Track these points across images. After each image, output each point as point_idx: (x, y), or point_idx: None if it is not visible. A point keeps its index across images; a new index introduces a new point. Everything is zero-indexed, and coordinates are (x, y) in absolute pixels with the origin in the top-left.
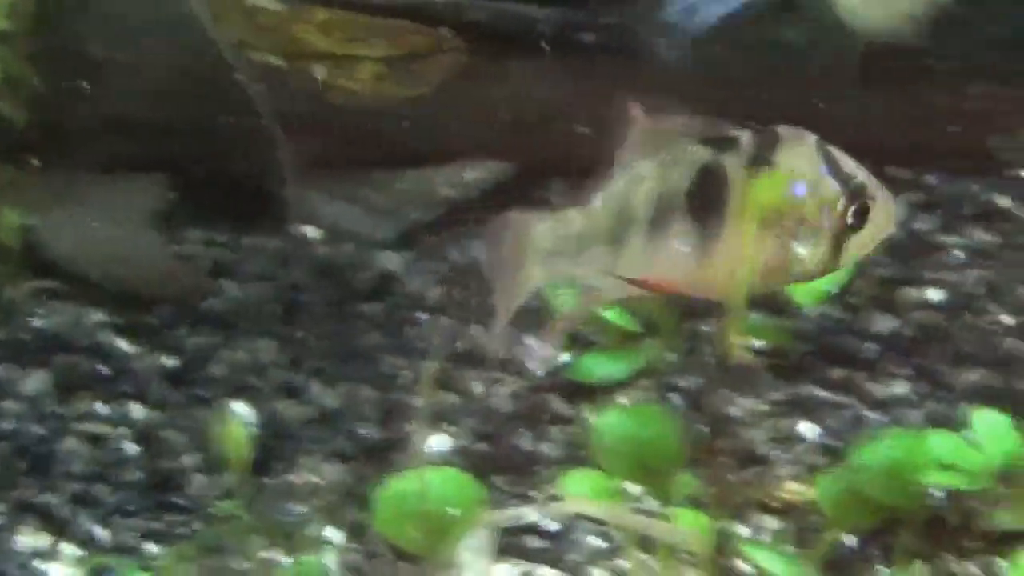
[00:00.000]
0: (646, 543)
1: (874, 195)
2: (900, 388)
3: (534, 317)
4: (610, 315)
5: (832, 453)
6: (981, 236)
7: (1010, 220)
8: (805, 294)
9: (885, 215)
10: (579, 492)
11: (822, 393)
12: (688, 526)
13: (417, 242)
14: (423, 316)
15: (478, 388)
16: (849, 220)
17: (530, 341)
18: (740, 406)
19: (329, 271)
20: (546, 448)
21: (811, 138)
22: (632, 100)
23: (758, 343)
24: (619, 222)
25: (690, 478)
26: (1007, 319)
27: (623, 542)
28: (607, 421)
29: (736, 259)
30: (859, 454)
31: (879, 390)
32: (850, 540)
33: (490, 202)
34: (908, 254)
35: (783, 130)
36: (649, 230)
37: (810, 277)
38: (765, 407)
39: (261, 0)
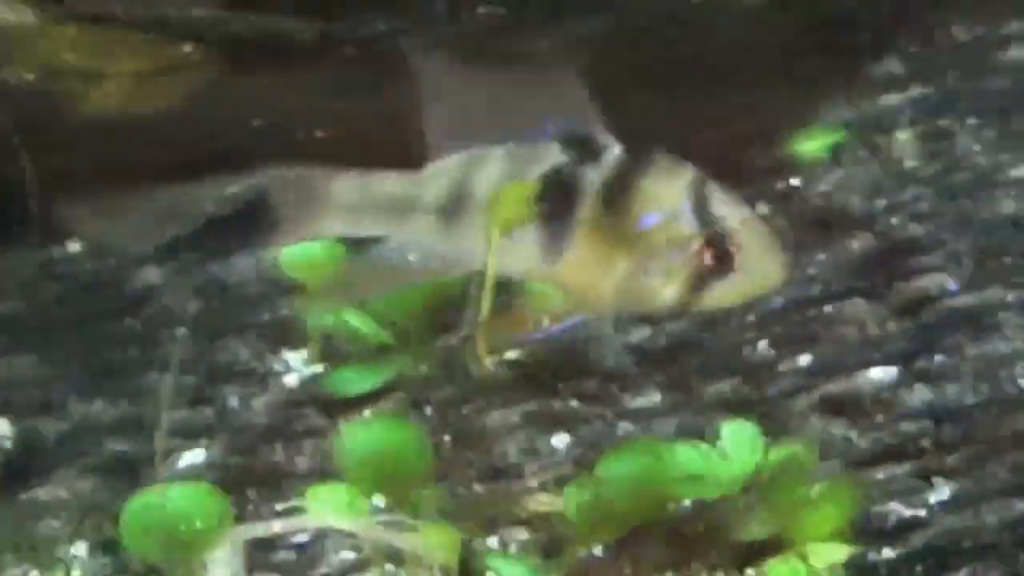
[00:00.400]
0: (394, 556)
1: (743, 244)
2: (652, 398)
3: (291, 330)
4: (362, 326)
5: (583, 464)
6: None
7: None
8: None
9: (761, 267)
10: (326, 505)
11: (575, 404)
12: (435, 539)
13: (176, 256)
14: (180, 330)
15: (233, 401)
16: (707, 262)
17: (287, 353)
18: (492, 418)
19: (88, 286)
20: (300, 461)
21: (688, 172)
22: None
23: (512, 354)
24: (450, 196)
25: (438, 491)
26: (756, 331)
27: (371, 555)
28: (352, 434)
29: (578, 269)
30: (605, 465)
31: (631, 401)
32: (598, 551)
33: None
34: None
35: (660, 157)
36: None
37: (668, 309)
38: (517, 419)
39: (10, 16)
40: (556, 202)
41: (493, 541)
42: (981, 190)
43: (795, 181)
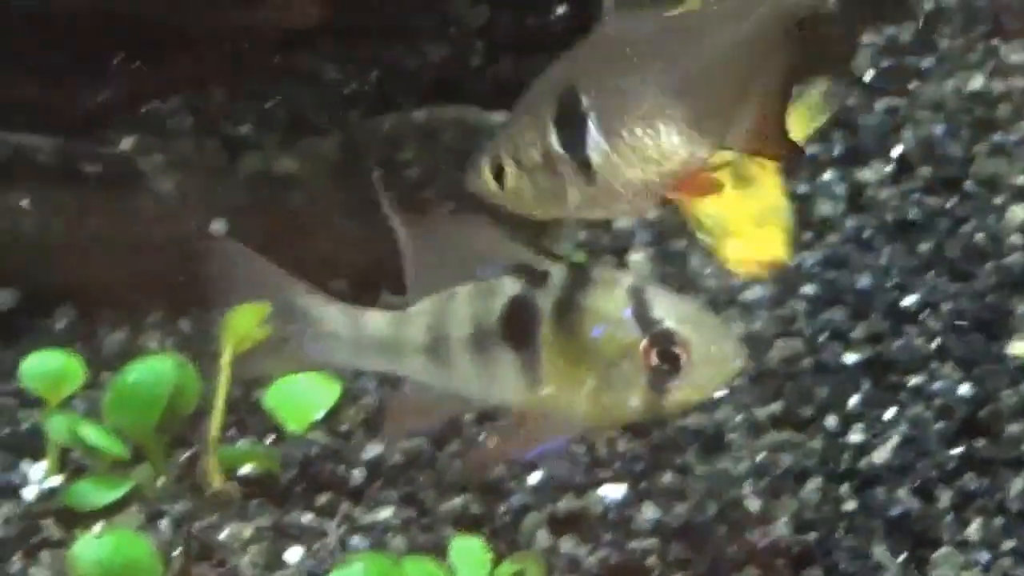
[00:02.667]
0: None
1: (688, 340)
2: (386, 513)
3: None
4: (100, 440)
5: None
6: None
7: None
8: (295, 420)
9: (710, 361)
10: None
11: (308, 518)
12: None
13: None
14: None
15: None
16: (654, 365)
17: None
18: (227, 533)
19: None
20: (36, 573)
21: (625, 280)
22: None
23: (246, 469)
24: (431, 337)
25: None
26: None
27: None
28: (83, 548)
29: (554, 392)
30: None
31: (365, 515)
32: None
33: None
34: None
35: (597, 271)
36: (470, 351)
37: (636, 417)
38: (251, 533)
39: None
40: (522, 328)
41: None
42: (713, 310)
43: None
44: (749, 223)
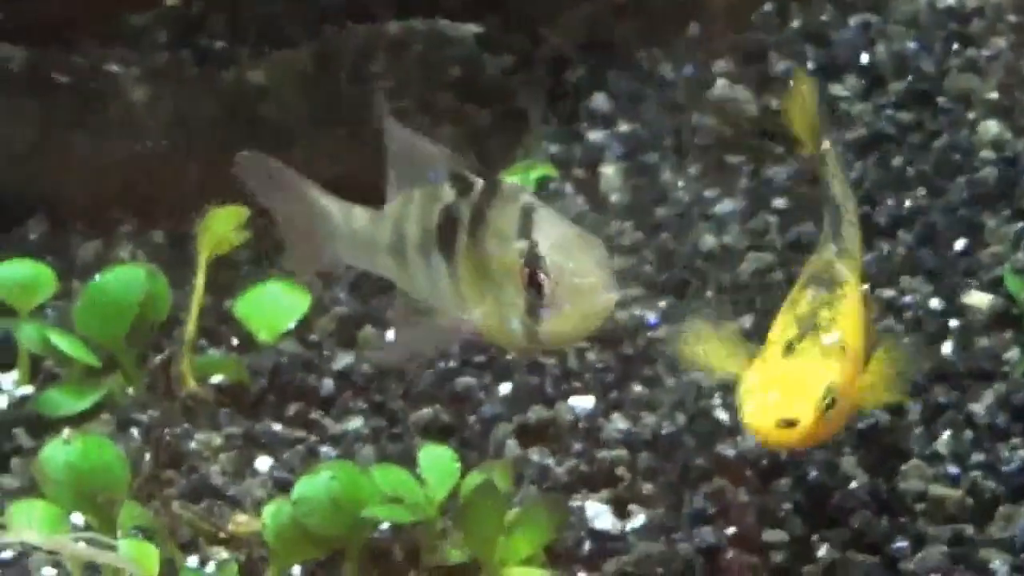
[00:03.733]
0: (94, 572)
1: (556, 267)
2: (355, 423)
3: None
4: (72, 349)
5: (285, 487)
6: None
7: None
8: (266, 330)
9: (576, 292)
10: (26, 522)
11: (278, 428)
12: (135, 556)
13: None
14: None
15: None
16: (527, 288)
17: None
18: (198, 440)
19: None
20: (6, 480)
21: (524, 198)
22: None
23: (217, 378)
24: (394, 236)
25: (139, 509)
26: (460, 359)
27: (72, 571)
28: (52, 453)
29: (465, 298)
30: (301, 487)
31: (334, 426)
32: (297, 572)
33: None
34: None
35: (505, 185)
36: (420, 255)
37: (520, 342)
38: (221, 441)
39: None
40: (450, 234)
41: (193, 560)
42: (683, 225)
43: None
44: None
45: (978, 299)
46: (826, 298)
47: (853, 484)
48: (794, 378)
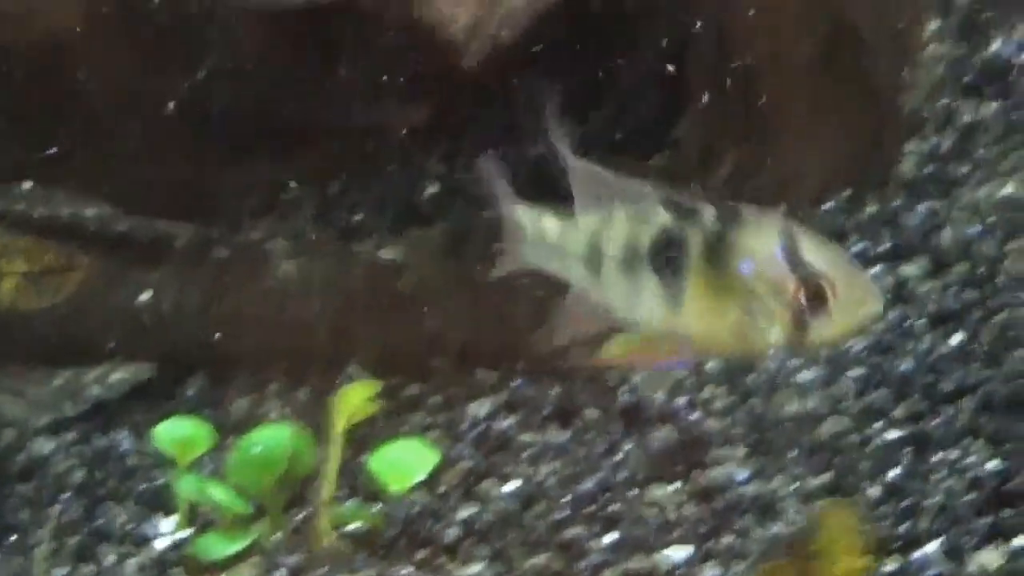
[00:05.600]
0: None
1: (835, 283)
2: (476, 568)
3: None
4: (225, 497)
5: None
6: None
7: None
8: (397, 482)
9: (852, 303)
10: None
11: (406, 571)
12: None
13: (67, 430)
14: (66, 495)
15: (110, 561)
16: (802, 303)
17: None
18: None
19: None
20: None
21: (776, 221)
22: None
23: (352, 526)
24: (590, 249)
25: None
26: (571, 510)
27: None
28: None
29: (695, 318)
30: None
31: (459, 570)
32: None
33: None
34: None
35: (747, 210)
36: (619, 271)
37: (778, 348)
38: None
39: None
40: (670, 258)
41: None
42: (770, 390)
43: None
44: None
45: None
46: None
47: None
48: None
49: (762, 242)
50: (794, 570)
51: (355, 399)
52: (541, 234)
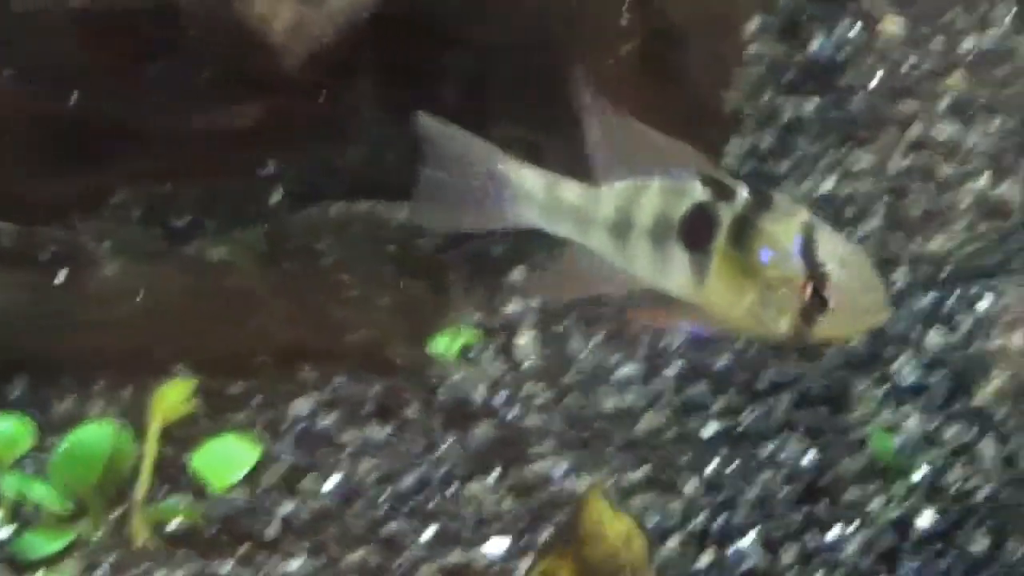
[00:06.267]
0: None
1: (842, 286)
2: (296, 563)
3: None
4: (46, 496)
5: None
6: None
7: None
8: (219, 479)
9: (855, 308)
10: None
11: (226, 569)
12: None
13: None
14: None
15: None
16: (807, 301)
17: None
18: None
19: None
20: None
21: (803, 215)
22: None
23: (174, 523)
24: (618, 218)
25: None
26: (391, 505)
27: None
28: None
29: (716, 292)
30: None
31: (279, 565)
32: None
33: None
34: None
35: (780, 200)
36: (649, 241)
37: (783, 340)
38: None
39: None
40: (701, 232)
41: None
42: (589, 387)
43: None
44: None
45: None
46: None
47: None
48: None
49: (783, 234)
50: (571, 556)
51: (171, 397)
52: (552, 195)
